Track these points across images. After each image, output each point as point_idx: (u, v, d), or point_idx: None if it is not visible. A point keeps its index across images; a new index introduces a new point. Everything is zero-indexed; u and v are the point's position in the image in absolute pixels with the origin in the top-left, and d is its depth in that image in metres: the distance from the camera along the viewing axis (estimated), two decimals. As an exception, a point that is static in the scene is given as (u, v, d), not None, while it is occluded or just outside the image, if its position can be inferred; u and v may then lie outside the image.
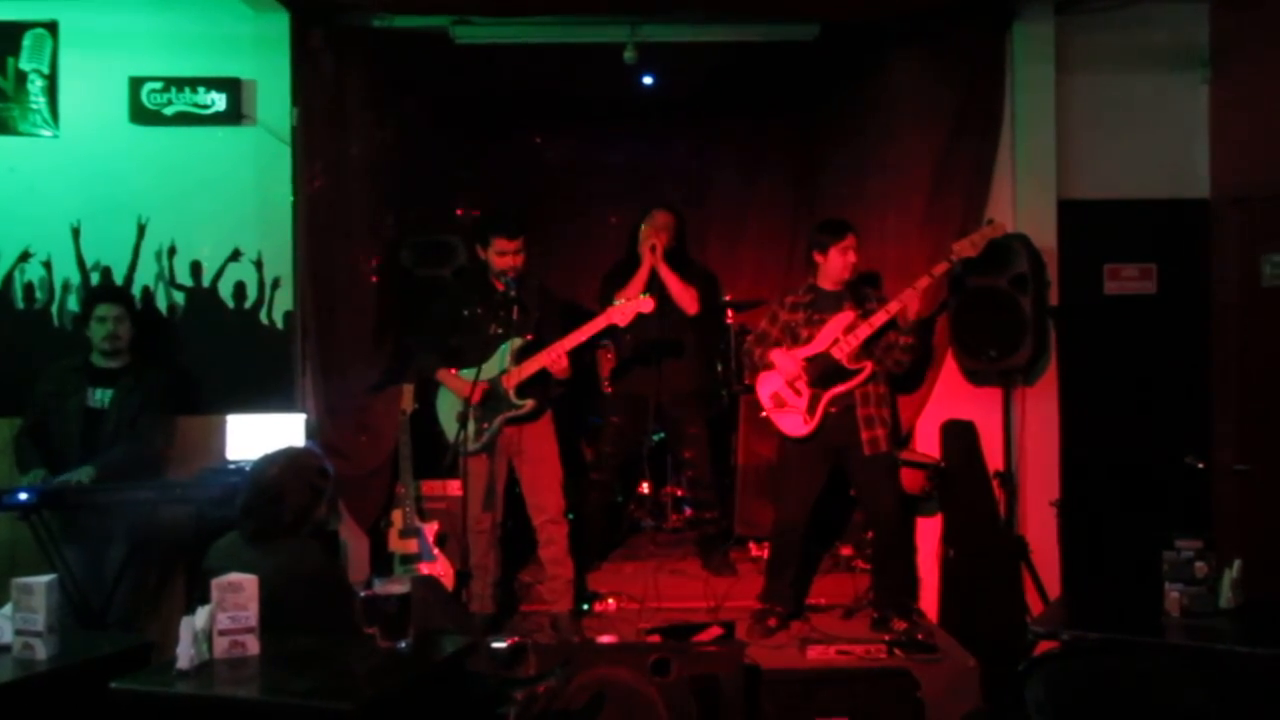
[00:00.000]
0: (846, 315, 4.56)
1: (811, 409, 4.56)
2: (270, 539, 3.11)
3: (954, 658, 4.32)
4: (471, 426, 4.53)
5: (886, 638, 4.45)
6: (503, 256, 4.61)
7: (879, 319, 4.50)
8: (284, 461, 3.22)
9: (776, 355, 4.62)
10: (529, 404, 4.64)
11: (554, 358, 4.56)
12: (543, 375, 4.63)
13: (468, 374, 4.56)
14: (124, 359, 4.76)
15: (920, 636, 4.47)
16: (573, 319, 4.74)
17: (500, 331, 4.66)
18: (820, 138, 6.86)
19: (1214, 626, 3.29)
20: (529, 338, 4.66)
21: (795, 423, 4.59)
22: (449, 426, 4.70)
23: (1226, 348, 5.12)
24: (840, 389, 4.54)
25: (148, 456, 4.73)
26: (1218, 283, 5.16)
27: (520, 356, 4.64)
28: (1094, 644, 3.27)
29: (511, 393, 4.62)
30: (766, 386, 4.68)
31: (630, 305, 4.56)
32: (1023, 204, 5.05)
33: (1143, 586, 3.53)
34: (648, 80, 5.97)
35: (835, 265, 4.59)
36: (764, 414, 4.78)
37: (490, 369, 4.57)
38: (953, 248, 4.59)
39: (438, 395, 4.81)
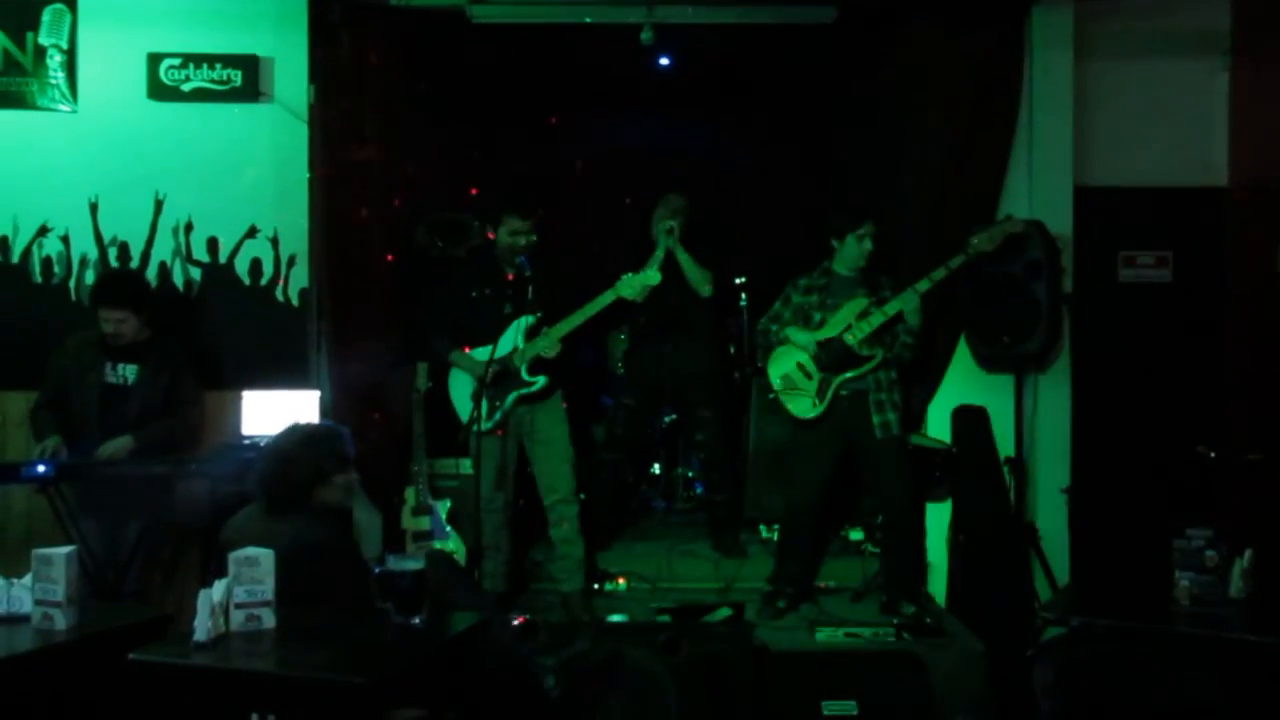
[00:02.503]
0: (860, 301, 4.56)
1: (821, 393, 4.57)
2: (287, 511, 3.14)
3: (962, 642, 4.33)
4: (484, 405, 4.55)
5: (895, 621, 4.47)
6: (515, 235, 4.63)
7: (893, 307, 4.49)
8: (301, 436, 3.25)
9: (789, 337, 4.62)
10: (541, 381, 4.65)
11: (551, 341, 4.58)
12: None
13: (480, 353, 4.58)
14: (141, 337, 4.75)
15: (929, 620, 4.48)
16: (585, 299, 4.74)
17: (511, 311, 4.67)
18: (837, 122, 6.84)
19: (1224, 615, 3.29)
20: (541, 315, 4.67)
21: (805, 405, 4.60)
22: (461, 405, 4.72)
23: (1241, 337, 5.10)
24: (851, 374, 4.54)
25: (184, 434, 4.75)
26: (1234, 271, 5.14)
27: (532, 334, 4.65)
28: (1103, 631, 3.27)
29: (523, 370, 4.64)
30: (777, 368, 4.69)
31: (637, 278, 4.55)
32: (1039, 190, 5.03)
33: (1152, 574, 3.53)
34: (664, 62, 5.96)
35: (852, 252, 4.60)
36: (773, 396, 4.78)
37: (503, 347, 4.58)
38: (970, 242, 4.57)
39: (450, 374, 4.83)
